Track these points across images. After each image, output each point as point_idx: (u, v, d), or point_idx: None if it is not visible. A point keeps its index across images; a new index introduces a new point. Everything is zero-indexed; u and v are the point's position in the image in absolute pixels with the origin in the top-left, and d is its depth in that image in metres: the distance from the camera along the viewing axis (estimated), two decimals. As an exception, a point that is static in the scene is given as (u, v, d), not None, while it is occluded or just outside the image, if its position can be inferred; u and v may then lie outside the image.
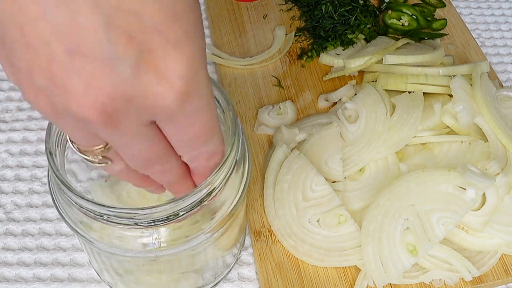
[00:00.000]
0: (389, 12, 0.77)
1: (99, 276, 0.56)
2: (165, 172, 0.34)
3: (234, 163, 0.40)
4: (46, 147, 0.40)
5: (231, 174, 0.40)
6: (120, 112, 0.27)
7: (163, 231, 0.42)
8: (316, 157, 0.60)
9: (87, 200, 0.37)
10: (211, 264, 0.51)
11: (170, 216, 0.37)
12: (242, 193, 0.44)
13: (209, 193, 0.38)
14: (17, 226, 0.60)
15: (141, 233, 0.41)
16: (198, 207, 0.38)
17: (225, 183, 0.39)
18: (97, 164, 0.33)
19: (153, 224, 0.37)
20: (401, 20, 0.77)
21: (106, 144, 0.32)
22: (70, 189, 0.38)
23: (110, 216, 0.37)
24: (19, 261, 0.58)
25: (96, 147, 0.31)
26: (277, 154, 0.61)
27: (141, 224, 0.37)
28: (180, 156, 0.34)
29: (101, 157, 0.32)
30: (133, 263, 0.46)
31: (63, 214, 0.43)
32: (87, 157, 0.32)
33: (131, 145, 0.30)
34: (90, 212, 0.38)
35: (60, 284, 0.56)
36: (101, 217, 0.38)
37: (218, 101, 0.42)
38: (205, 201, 0.38)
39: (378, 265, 0.53)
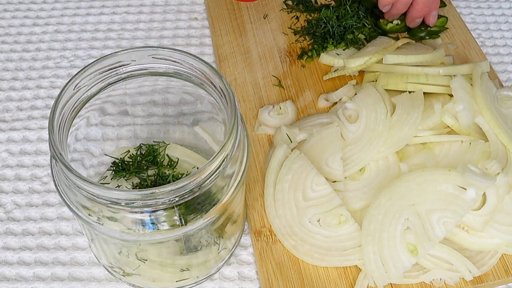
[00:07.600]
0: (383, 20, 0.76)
1: (98, 260, 0.56)
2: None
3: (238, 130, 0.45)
4: (50, 141, 0.42)
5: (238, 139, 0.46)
6: None
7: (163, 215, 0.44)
8: (317, 157, 0.60)
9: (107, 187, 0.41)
10: (203, 255, 0.53)
11: (193, 189, 0.42)
12: (244, 167, 0.48)
13: (223, 160, 0.44)
14: (17, 225, 0.60)
15: (149, 216, 0.43)
16: (216, 174, 0.43)
17: (235, 151, 0.45)
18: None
19: (174, 202, 0.41)
20: (394, 21, 0.76)
21: None
22: (80, 177, 0.41)
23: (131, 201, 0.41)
24: (19, 260, 0.58)
25: None
26: (277, 154, 0.61)
27: (164, 203, 0.41)
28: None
29: None
30: (129, 246, 0.49)
31: (65, 199, 0.45)
32: None
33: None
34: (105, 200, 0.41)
35: (60, 283, 0.56)
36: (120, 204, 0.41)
37: (214, 85, 0.47)
38: (222, 167, 0.43)
39: (378, 265, 0.53)
